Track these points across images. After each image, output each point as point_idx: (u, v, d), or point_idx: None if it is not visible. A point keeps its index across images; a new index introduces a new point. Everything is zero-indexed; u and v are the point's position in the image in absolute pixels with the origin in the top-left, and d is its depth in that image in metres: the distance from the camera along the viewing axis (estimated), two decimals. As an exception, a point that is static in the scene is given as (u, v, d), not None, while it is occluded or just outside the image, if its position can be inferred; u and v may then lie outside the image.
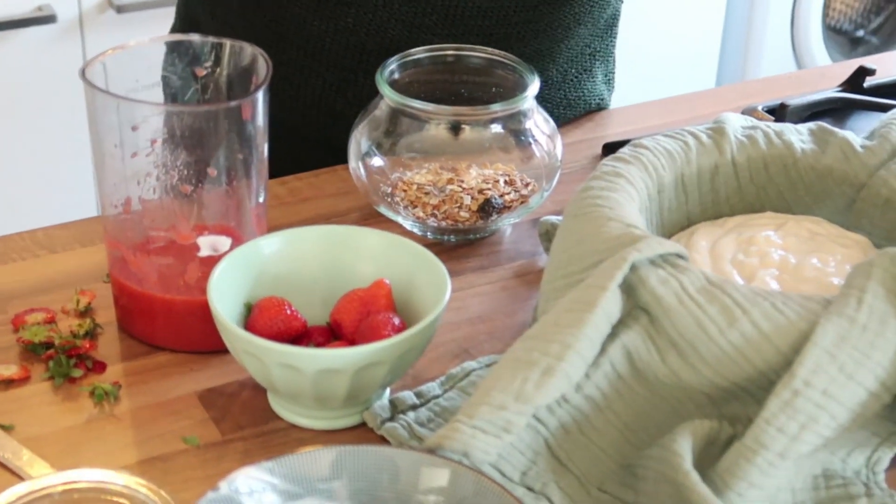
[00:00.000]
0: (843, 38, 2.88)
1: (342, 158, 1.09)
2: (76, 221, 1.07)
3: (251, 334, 0.81)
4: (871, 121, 1.21)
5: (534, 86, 1.03)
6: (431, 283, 0.86)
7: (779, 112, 1.17)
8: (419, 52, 1.07)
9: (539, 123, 1.06)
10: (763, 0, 2.67)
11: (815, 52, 2.75)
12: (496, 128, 1.04)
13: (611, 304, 0.76)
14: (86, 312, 0.95)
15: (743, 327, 0.76)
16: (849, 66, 1.34)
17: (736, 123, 0.96)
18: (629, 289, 0.79)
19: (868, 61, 1.29)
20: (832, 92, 1.23)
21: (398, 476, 0.69)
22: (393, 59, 1.06)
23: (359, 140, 1.06)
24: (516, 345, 0.77)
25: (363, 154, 1.06)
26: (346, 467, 0.69)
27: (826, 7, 2.75)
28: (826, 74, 1.36)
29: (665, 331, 0.77)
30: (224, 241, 0.89)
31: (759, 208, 0.95)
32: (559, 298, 0.84)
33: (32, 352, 0.90)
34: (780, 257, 0.87)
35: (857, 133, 0.95)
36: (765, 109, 1.21)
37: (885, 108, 1.19)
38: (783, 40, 2.73)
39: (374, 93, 1.05)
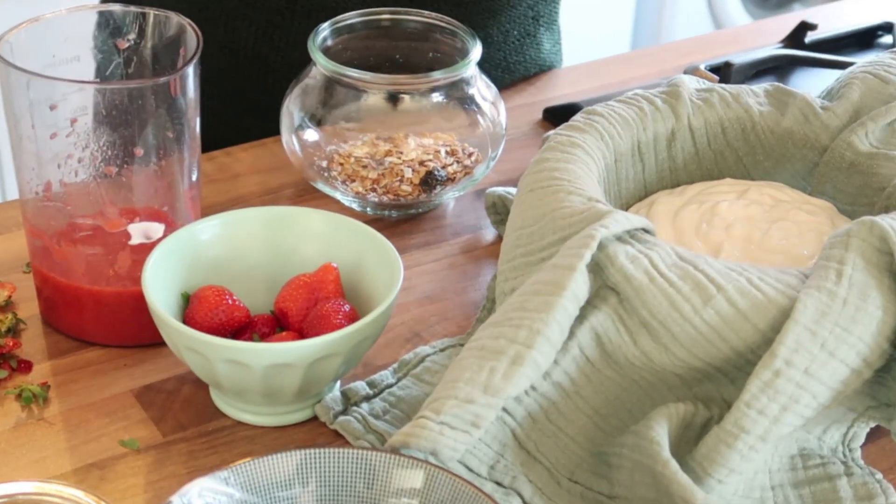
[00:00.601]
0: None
1: (273, 124, 1.03)
2: (-10, 206, 1.00)
3: (192, 329, 0.75)
4: (815, 78, 1.18)
5: (475, 51, 0.98)
6: (381, 266, 0.81)
7: (723, 71, 1.13)
8: (353, 17, 1.01)
9: (482, 90, 1.01)
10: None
11: (730, 2, 2.73)
12: (437, 97, 0.98)
13: (579, 286, 0.72)
14: (6, 307, 0.88)
15: (718, 305, 0.71)
16: (786, 21, 1.31)
17: (690, 86, 0.92)
18: (596, 267, 0.74)
19: (808, 14, 1.26)
20: (775, 49, 1.20)
21: (370, 479, 0.64)
22: (325, 24, 1.00)
23: (291, 111, 1.00)
24: (480, 332, 0.72)
25: (296, 126, 1.00)
26: (313, 472, 0.64)
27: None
28: (763, 30, 1.33)
29: (636, 311, 0.73)
30: (157, 228, 0.83)
31: (717, 175, 0.91)
32: (519, 278, 0.79)
33: (-51, 353, 0.84)
34: (744, 228, 0.83)
35: (807, 91, 0.92)
36: (707, 68, 1.17)
37: (830, 65, 1.16)
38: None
39: (303, 39, 0.99)
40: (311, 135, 1.00)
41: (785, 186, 0.88)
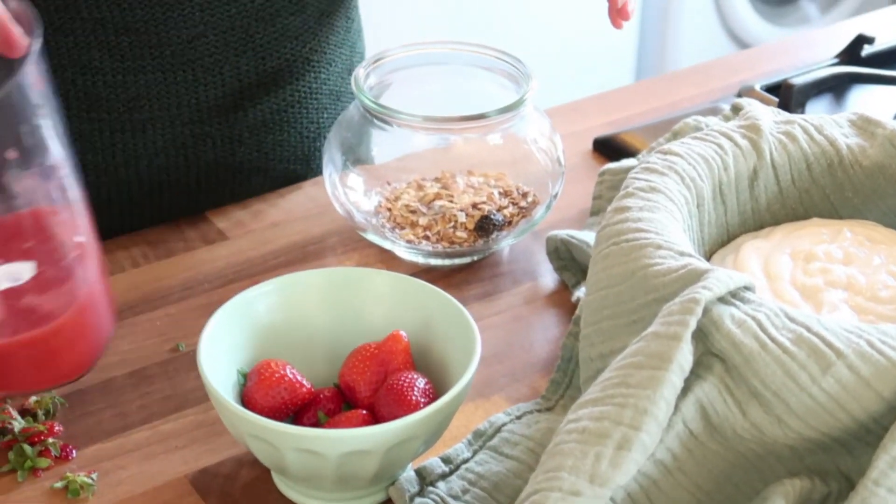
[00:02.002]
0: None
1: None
2: None
3: (259, 416, 0.68)
4: (876, 95, 1.11)
5: (532, 87, 0.91)
6: (454, 332, 0.75)
7: (783, 92, 1.07)
8: (397, 51, 0.95)
9: (536, 122, 0.94)
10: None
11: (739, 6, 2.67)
12: (494, 138, 0.92)
13: (685, 357, 0.65)
14: (41, 384, 0.81)
15: (838, 373, 0.65)
16: (836, 33, 1.25)
17: (768, 118, 0.85)
18: (698, 333, 0.67)
19: (862, 25, 1.20)
20: (831, 64, 1.13)
21: None
22: (368, 59, 0.94)
23: (333, 153, 0.94)
24: (578, 410, 0.66)
25: (339, 170, 0.93)
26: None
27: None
28: (812, 42, 1.26)
29: (745, 380, 0.67)
30: (25, 269, 0.72)
31: (802, 214, 0.84)
32: (608, 342, 0.73)
33: (-16, 439, 0.77)
34: (845, 275, 0.76)
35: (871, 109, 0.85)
36: (763, 88, 1.11)
37: (894, 81, 1.09)
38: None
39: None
40: (355, 179, 0.93)
41: (878, 225, 0.82)
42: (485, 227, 0.91)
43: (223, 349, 0.73)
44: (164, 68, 0.94)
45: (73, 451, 0.76)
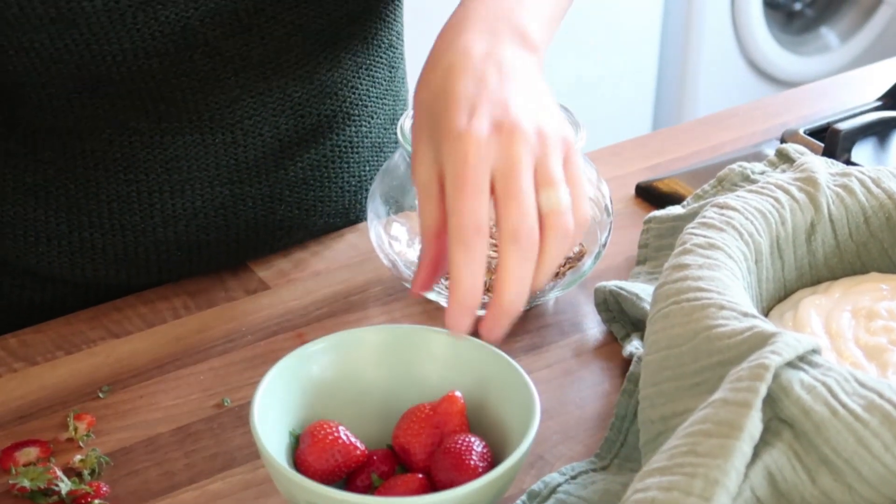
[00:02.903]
0: (780, 12, 2.81)
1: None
2: (52, 321, 0.91)
3: (318, 484, 0.66)
4: (922, 139, 1.10)
5: (581, 136, 0.90)
6: (510, 393, 0.73)
7: (829, 138, 1.05)
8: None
9: (585, 172, 0.92)
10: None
11: (755, 27, 2.66)
12: (544, 187, 0.90)
13: (755, 425, 0.64)
14: (86, 442, 0.80)
15: (913, 441, 0.63)
16: (875, 73, 1.24)
17: (823, 170, 0.84)
18: (767, 399, 0.66)
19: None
20: (875, 108, 1.12)
21: None
22: (412, 109, 0.92)
23: (376, 205, 0.92)
24: (645, 478, 0.64)
25: (383, 220, 0.92)
26: None
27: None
28: (851, 83, 1.25)
29: (815, 447, 0.65)
30: None
31: (860, 268, 0.83)
32: (669, 405, 0.71)
33: (31, 500, 0.75)
34: (909, 333, 0.75)
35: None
36: (806, 132, 1.10)
37: (940, 126, 1.08)
38: (724, 20, 2.64)
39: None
40: (399, 229, 0.92)
41: (938, 280, 0.80)
42: (532, 278, 0.90)
43: (275, 409, 0.72)
44: (203, 130, 0.91)
45: (121, 513, 0.75)
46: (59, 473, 0.76)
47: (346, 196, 1.00)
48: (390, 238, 0.92)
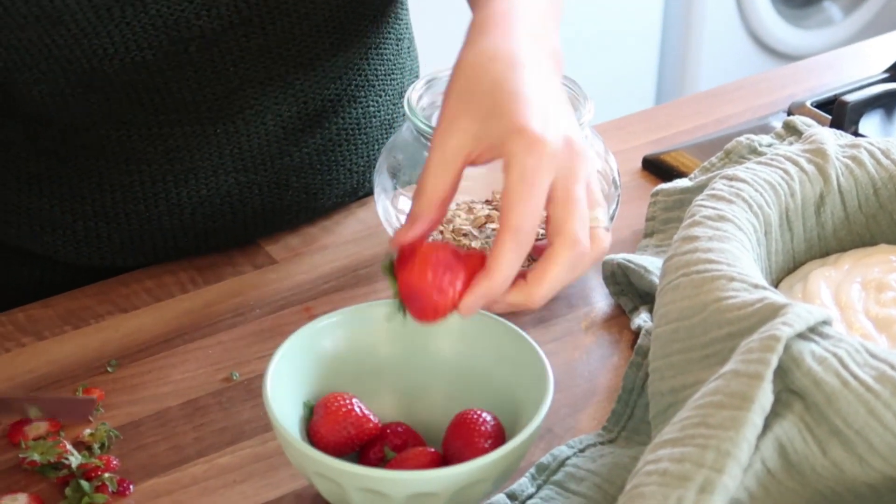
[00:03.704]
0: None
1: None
2: (59, 296, 0.91)
3: (325, 455, 0.67)
4: (928, 111, 1.10)
5: (588, 109, 0.89)
6: (523, 368, 0.73)
7: (836, 110, 1.05)
8: (447, 71, 0.93)
9: (592, 143, 0.92)
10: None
11: (759, 1, 2.65)
12: (550, 159, 0.90)
13: (766, 396, 0.64)
14: (95, 416, 0.80)
15: (924, 411, 0.63)
16: (882, 45, 1.23)
17: (832, 141, 0.84)
18: (778, 370, 0.66)
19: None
20: (882, 80, 1.11)
21: None
22: (420, 81, 0.92)
23: (383, 179, 0.92)
24: (656, 449, 0.64)
25: (390, 194, 0.92)
26: None
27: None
28: (859, 55, 1.25)
29: (826, 419, 0.65)
30: None
31: (868, 240, 0.83)
32: (679, 377, 0.71)
33: (41, 474, 0.75)
34: (918, 305, 0.75)
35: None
36: (814, 104, 1.09)
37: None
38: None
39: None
40: (406, 202, 0.92)
41: (947, 251, 0.80)
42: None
43: (288, 382, 0.72)
44: (202, 121, 0.90)
45: (130, 487, 0.75)
46: (69, 447, 0.76)
47: (354, 177, 0.99)
48: (397, 212, 0.92)
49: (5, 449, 0.77)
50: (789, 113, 1.10)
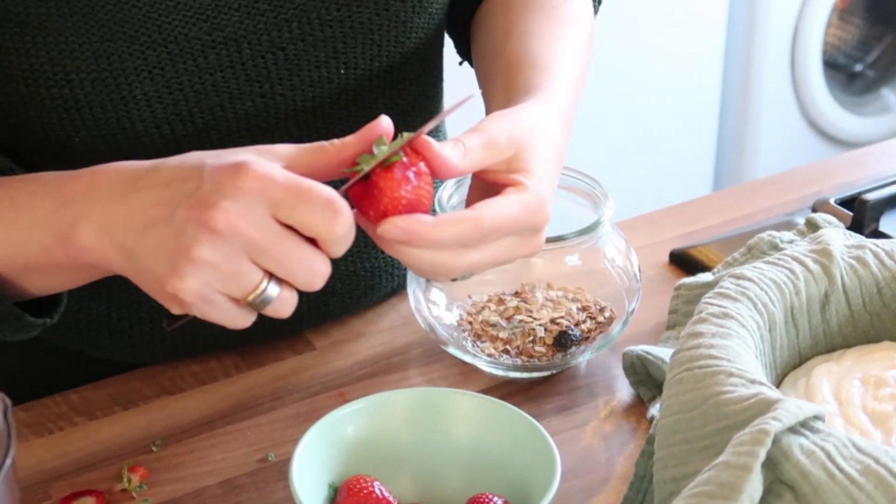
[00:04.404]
0: (841, 73, 2.83)
1: None
2: (111, 378, 0.97)
3: (345, 536, 0.72)
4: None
5: (609, 208, 0.94)
6: (535, 456, 0.78)
7: (857, 208, 1.09)
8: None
9: (614, 241, 0.97)
10: (761, 37, 2.62)
11: (815, 88, 2.69)
12: (573, 259, 0.95)
13: (755, 487, 0.68)
14: (138, 493, 0.85)
15: (905, 504, 0.67)
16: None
17: (840, 243, 0.88)
18: (768, 461, 0.70)
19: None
20: (905, 179, 1.15)
21: None
22: (450, 182, 0.97)
23: (415, 282, 0.97)
24: (650, 536, 0.68)
25: (423, 286, 0.97)
26: None
27: (823, 43, 2.70)
28: (888, 152, 1.28)
29: (814, 509, 0.69)
30: None
31: (873, 337, 0.86)
32: (679, 466, 0.75)
33: (86, 546, 0.81)
34: (914, 401, 0.78)
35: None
36: (837, 202, 1.13)
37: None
38: (783, 77, 2.67)
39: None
40: (438, 294, 0.97)
41: (948, 349, 0.84)
42: (563, 342, 0.94)
43: (314, 465, 0.77)
44: None
45: (169, 561, 0.80)
46: (113, 522, 0.81)
47: (395, 280, 1.04)
48: (429, 302, 0.97)
49: (55, 522, 0.83)
50: (813, 209, 1.14)
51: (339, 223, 0.71)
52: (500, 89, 0.91)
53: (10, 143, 0.88)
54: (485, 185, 0.80)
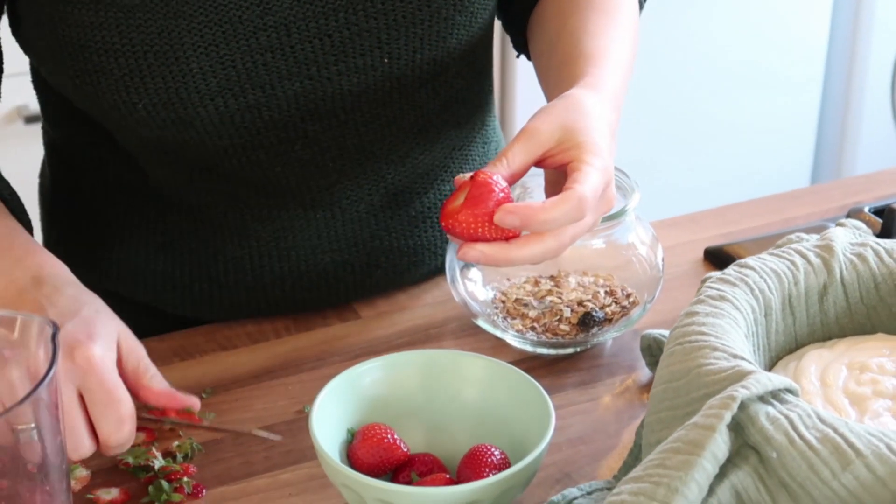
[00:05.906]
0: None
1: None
2: (175, 333, 1.07)
3: (347, 468, 0.80)
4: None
5: (634, 199, 1.01)
6: (535, 415, 0.85)
7: (886, 216, 1.14)
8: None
9: (640, 233, 1.04)
10: (861, 67, 2.64)
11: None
12: (598, 243, 1.02)
13: (718, 446, 0.74)
14: (185, 431, 0.95)
15: (857, 471, 0.73)
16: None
17: (844, 240, 0.93)
18: (737, 427, 0.76)
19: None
20: (941, 191, 1.20)
21: None
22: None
23: (453, 256, 1.05)
24: (622, 485, 0.75)
25: (461, 265, 1.05)
26: None
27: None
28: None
29: (775, 471, 0.75)
30: None
31: (869, 329, 0.92)
32: (664, 431, 0.82)
33: (132, 474, 0.90)
34: (892, 386, 0.84)
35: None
36: (871, 210, 1.18)
37: None
38: (883, 106, 2.68)
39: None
40: (476, 273, 1.05)
41: (939, 343, 0.89)
42: (586, 322, 1.01)
43: (334, 413, 0.86)
44: (305, 207, 1.04)
45: (203, 491, 0.89)
46: (157, 454, 0.91)
47: (438, 258, 1.13)
48: (465, 280, 1.05)
49: (110, 453, 0.93)
50: (848, 216, 1.19)
51: (120, 435, 0.86)
52: (552, 86, 0.99)
53: (88, 110, 0.99)
54: (556, 174, 0.89)
